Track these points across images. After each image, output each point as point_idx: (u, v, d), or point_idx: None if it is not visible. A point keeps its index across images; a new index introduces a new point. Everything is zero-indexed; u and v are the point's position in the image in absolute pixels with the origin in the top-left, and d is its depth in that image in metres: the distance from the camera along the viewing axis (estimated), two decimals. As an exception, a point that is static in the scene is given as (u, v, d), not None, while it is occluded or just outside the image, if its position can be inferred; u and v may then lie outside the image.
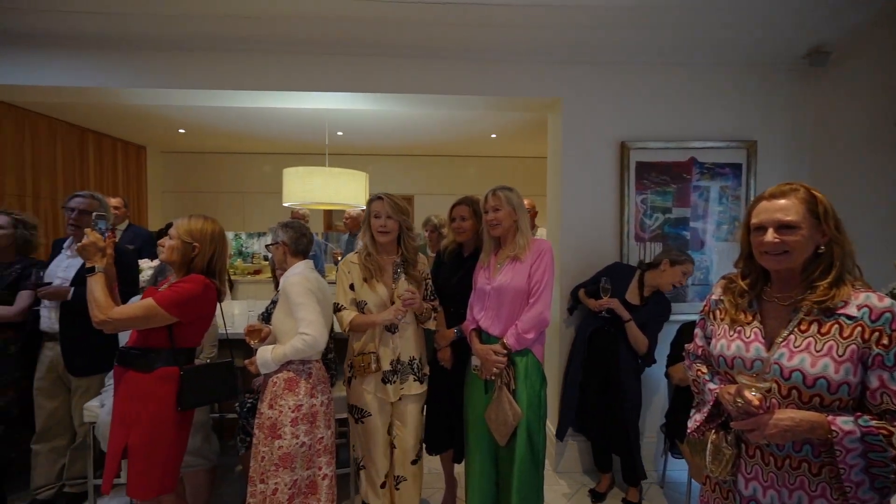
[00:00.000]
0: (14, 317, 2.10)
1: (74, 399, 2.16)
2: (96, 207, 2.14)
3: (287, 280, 1.68)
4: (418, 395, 1.88)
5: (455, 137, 4.94)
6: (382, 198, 1.79)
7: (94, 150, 4.52)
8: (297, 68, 2.49)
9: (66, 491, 2.22)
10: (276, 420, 1.60)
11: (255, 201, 5.71)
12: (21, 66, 2.39)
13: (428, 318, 1.89)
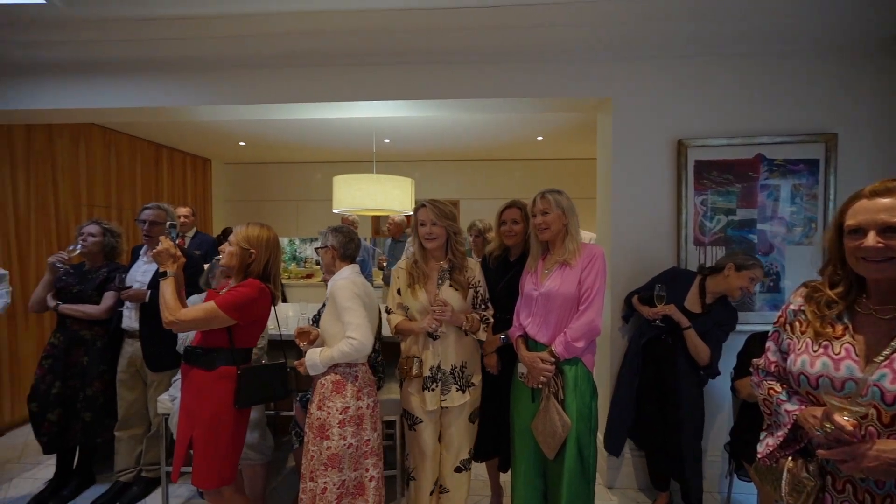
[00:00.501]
0: (100, 315, 2.32)
1: (150, 392, 2.36)
2: (164, 218, 2.34)
3: (334, 284, 1.71)
4: (464, 405, 1.84)
5: (500, 141, 4.90)
6: (426, 205, 1.80)
7: (167, 164, 4.93)
8: (346, 79, 2.58)
9: (143, 475, 2.42)
10: (325, 421, 1.64)
11: (307, 208, 5.96)
12: (106, 91, 2.66)
13: (475, 329, 1.82)
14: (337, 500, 1.62)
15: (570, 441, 1.64)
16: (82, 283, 2.33)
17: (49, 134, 3.52)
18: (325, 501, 1.61)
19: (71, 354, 2.30)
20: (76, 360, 2.30)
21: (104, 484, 2.44)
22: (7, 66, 2.63)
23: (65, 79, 2.66)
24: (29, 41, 2.42)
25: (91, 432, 2.32)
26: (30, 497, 2.34)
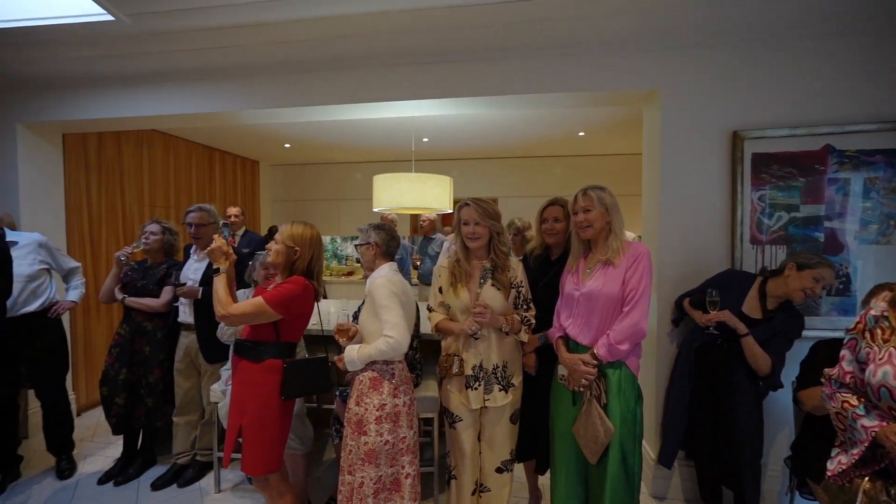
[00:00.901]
0: (160, 308, 2.49)
1: (203, 381, 2.50)
2: (207, 219, 2.48)
3: (373, 282, 1.72)
4: (505, 406, 1.82)
5: (540, 137, 4.79)
6: (470, 204, 1.77)
7: (220, 166, 5.20)
8: (386, 79, 2.61)
9: (198, 459, 2.57)
10: (362, 417, 1.66)
11: (348, 207, 6.10)
12: (165, 100, 2.84)
13: (517, 329, 1.78)
14: (374, 495, 1.65)
15: (614, 447, 1.58)
16: (145, 277, 2.50)
17: (117, 141, 3.81)
18: (361, 495, 1.64)
19: (135, 344, 2.48)
20: (139, 349, 2.48)
21: (164, 465, 2.62)
22: (80, 80, 2.87)
23: (129, 89, 2.87)
24: (98, 56, 2.63)
25: (152, 416, 2.50)
26: (101, 473, 2.55)
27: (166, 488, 2.44)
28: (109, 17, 2.23)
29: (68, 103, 2.96)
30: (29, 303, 2.44)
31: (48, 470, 2.60)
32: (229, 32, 2.36)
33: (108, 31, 2.36)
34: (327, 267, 6.35)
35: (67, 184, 3.36)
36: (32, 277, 2.45)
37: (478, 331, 1.72)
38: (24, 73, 2.85)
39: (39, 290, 2.49)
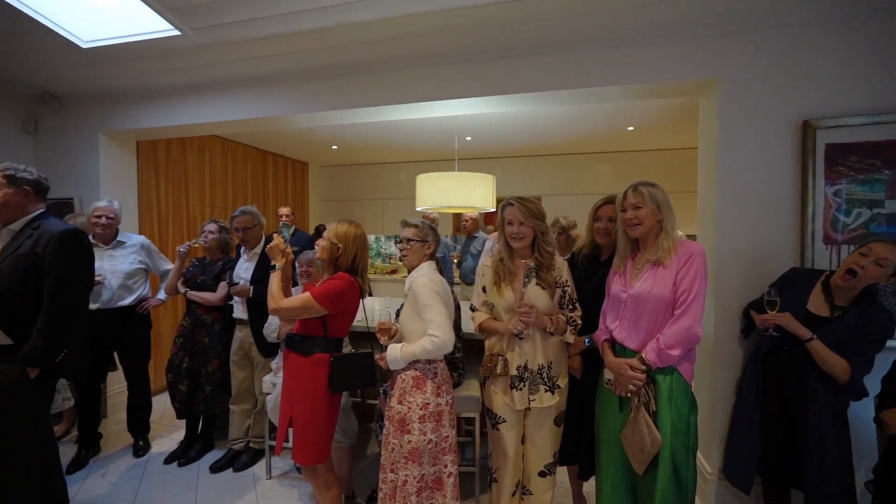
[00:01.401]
0: (217, 302, 2.66)
1: (256, 373, 2.64)
2: (252, 222, 2.64)
3: (415, 281, 1.73)
4: (550, 408, 1.78)
5: (586, 133, 4.65)
6: (514, 203, 1.75)
7: (272, 168, 5.47)
8: (429, 79, 2.63)
9: (251, 446, 2.72)
10: (405, 416, 1.67)
11: (392, 206, 6.22)
12: (224, 107, 3.03)
13: (562, 329, 1.74)
14: (416, 494, 1.66)
15: (664, 459, 1.50)
16: (203, 273, 2.69)
17: (182, 146, 4.12)
18: (405, 493, 1.65)
19: (195, 335, 2.66)
20: (199, 339, 2.66)
21: (221, 449, 2.79)
22: (151, 92, 3.13)
23: (192, 98, 3.09)
24: (167, 69, 2.84)
25: (210, 403, 2.67)
26: (167, 453, 2.76)
27: (223, 472, 2.60)
28: (177, 32, 2.41)
29: (141, 113, 3.23)
30: (124, 297, 2.69)
31: (123, 448, 2.85)
32: (280, 41, 2.48)
33: (175, 45, 2.55)
34: (372, 265, 6.51)
35: (140, 186, 3.67)
36: (130, 275, 2.71)
37: (523, 330, 1.70)
38: (106, 87, 3.14)
39: (135, 286, 2.74)
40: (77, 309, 1.83)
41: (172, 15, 2.28)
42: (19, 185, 1.77)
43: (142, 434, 2.86)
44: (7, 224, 1.78)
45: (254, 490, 2.43)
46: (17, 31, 2.51)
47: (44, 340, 1.71)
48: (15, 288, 1.70)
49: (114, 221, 2.70)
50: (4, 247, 1.76)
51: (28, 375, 1.71)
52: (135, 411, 2.84)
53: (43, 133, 3.43)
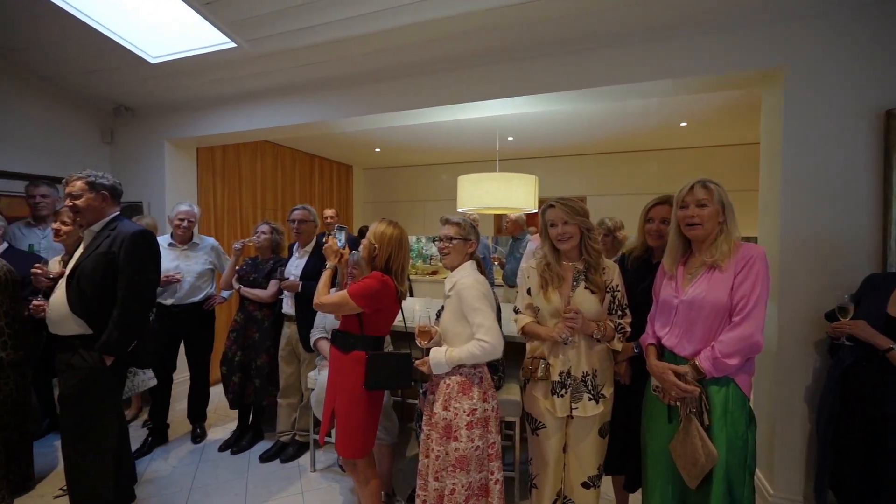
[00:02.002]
0: (267, 299, 2.80)
1: (302, 368, 2.75)
2: (308, 217, 2.77)
3: (461, 283, 1.69)
4: (594, 417, 1.71)
5: (634, 130, 4.46)
6: (555, 205, 1.69)
7: (318, 171, 5.69)
8: (470, 80, 2.64)
9: (297, 439, 2.84)
10: (451, 422, 1.64)
11: (433, 208, 6.28)
12: (274, 113, 3.20)
13: (609, 337, 1.67)
14: (465, 502, 1.62)
15: (718, 476, 1.40)
16: (255, 271, 2.84)
17: (236, 152, 4.38)
18: (453, 502, 1.62)
19: (247, 330, 2.82)
20: (250, 334, 2.81)
21: (269, 440, 2.94)
22: (209, 101, 3.35)
23: (246, 106, 3.28)
24: (223, 79, 3.04)
25: (260, 396, 2.82)
26: (221, 441, 2.94)
27: (271, 462, 2.74)
28: (232, 45, 2.57)
29: (200, 122, 3.47)
30: (193, 295, 2.91)
31: (184, 434, 3.07)
32: (325, 48, 2.58)
33: (231, 57, 2.72)
34: (413, 266, 6.59)
35: (199, 189, 3.94)
36: (201, 275, 2.93)
37: (569, 338, 1.64)
38: (171, 99, 3.40)
39: (203, 285, 2.96)
40: (145, 303, 2.00)
41: (229, 28, 2.43)
42: (98, 191, 1.95)
43: (199, 422, 3.07)
44: (89, 226, 1.98)
45: (299, 481, 2.53)
46: (98, 51, 2.78)
47: (118, 331, 1.88)
48: (95, 283, 1.88)
49: (193, 224, 2.94)
50: (87, 246, 1.96)
51: (105, 363, 1.88)
52: (195, 401, 3.05)
53: (118, 142, 3.77)
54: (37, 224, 2.95)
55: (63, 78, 3.21)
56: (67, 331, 1.89)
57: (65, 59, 2.95)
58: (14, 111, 3.13)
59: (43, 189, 2.92)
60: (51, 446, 2.83)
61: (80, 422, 1.88)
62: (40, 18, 2.51)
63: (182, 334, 2.95)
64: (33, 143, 3.24)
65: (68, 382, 1.87)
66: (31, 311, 2.10)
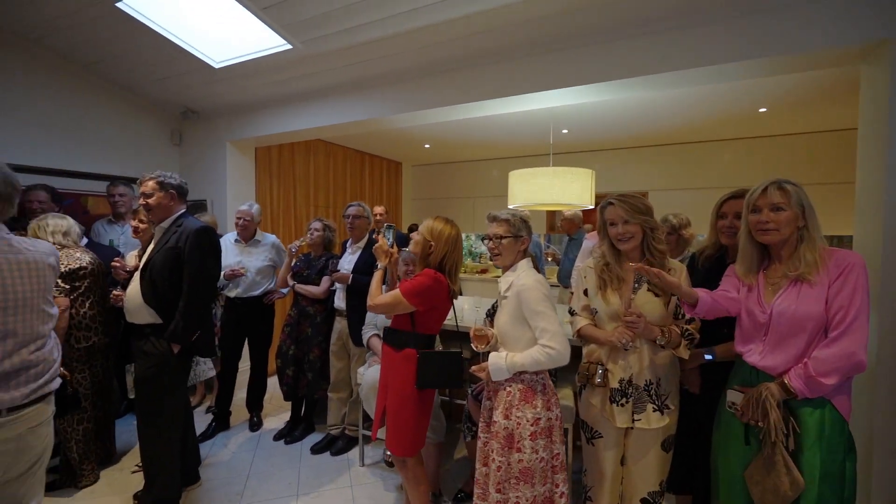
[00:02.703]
0: (320, 295, 2.92)
1: (352, 363, 2.84)
2: (363, 213, 2.86)
3: (520, 283, 1.62)
4: (657, 430, 1.61)
5: (704, 119, 4.18)
6: (614, 202, 1.62)
7: (369, 169, 5.86)
8: (522, 72, 2.58)
9: (346, 433, 2.94)
10: (513, 432, 1.59)
11: (483, 204, 6.25)
12: (326, 112, 3.32)
13: (675, 343, 1.57)
14: None
15: None
16: (308, 268, 2.97)
17: (291, 151, 4.60)
18: None
19: (301, 325, 2.96)
20: (303, 329, 2.95)
21: (320, 433, 3.07)
22: (266, 102, 3.54)
23: (300, 106, 3.43)
24: (279, 80, 3.20)
25: (312, 389, 2.95)
26: (276, 431, 3.11)
27: (322, 454, 2.86)
28: (288, 46, 2.69)
29: (258, 122, 3.68)
30: (254, 289, 3.12)
31: (242, 422, 3.28)
32: (376, 45, 2.63)
33: (286, 58, 2.86)
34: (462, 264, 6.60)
35: (257, 188, 4.19)
36: (261, 270, 3.14)
37: (629, 343, 1.56)
38: (232, 102, 3.64)
39: (263, 280, 3.16)
40: (206, 295, 2.15)
41: (285, 31, 2.55)
42: (167, 190, 2.13)
43: (256, 411, 3.27)
44: (159, 222, 2.16)
45: (348, 474, 2.63)
46: (169, 59, 3.03)
47: (183, 321, 2.04)
48: (164, 276, 2.06)
49: (250, 223, 3.14)
50: (157, 241, 2.14)
51: (172, 350, 2.06)
52: (253, 390, 3.25)
53: (185, 144, 4.10)
54: (116, 221, 3.27)
55: (139, 86, 3.53)
56: (141, 320, 2.09)
57: (140, 68, 3.24)
58: (98, 117, 3.49)
59: (120, 188, 3.23)
60: (129, 426, 3.14)
61: (152, 404, 2.07)
62: (120, 33, 2.78)
63: (244, 326, 3.15)
64: (113, 146, 3.60)
65: (141, 367, 2.06)
66: (111, 300, 2.36)
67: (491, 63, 2.67)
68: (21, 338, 1.32)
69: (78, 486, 2.42)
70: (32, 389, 1.34)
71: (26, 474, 1.37)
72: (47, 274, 1.42)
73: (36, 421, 1.36)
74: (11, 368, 1.29)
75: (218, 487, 2.47)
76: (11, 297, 1.30)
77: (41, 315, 1.39)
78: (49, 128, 3.22)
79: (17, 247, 1.35)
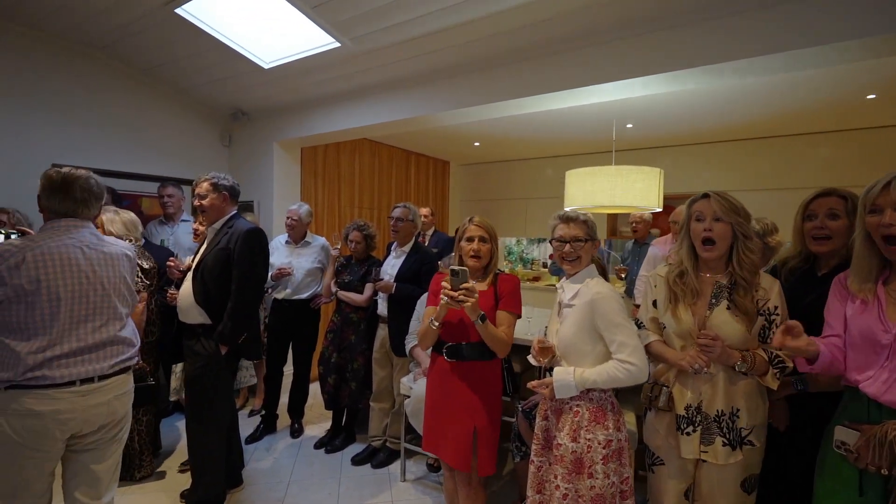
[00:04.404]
0: (363, 303, 3.02)
1: (395, 373, 2.91)
2: (408, 215, 2.91)
3: (597, 293, 1.57)
4: (731, 467, 1.51)
5: (796, 109, 3.90)
6: (710, 195, 1.52)
7: (415, 168, 5.98)
8: (580, 63, 2.55)
9: (388, 445, 3.01)
10: (583, 456, 1.54)
11: (537, 207, 6.18)
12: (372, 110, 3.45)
13: (760, 370, 1.45)
14: None
15: None
16: (351, 273, 3.08)
17: (337, 151, 4.80)
18: None
19: (344, 332, 3.07)
20: (347, 337, 3.06)
21: (361, 443, 3.16)
22: (313, 102, 3.73)
23: (347, 105, 3.59)
24: (326, 79, 3.37)
25: (354, 398, 3.05)
26: (316, 439, 3.25)
27: (363, 465, 2.95)
28: (337, 44, 2.83)
29: (305, 122, 3.89)
30: (301, 292, 3.30)
31: (283, 428, 3.45)
32: (424, 40, 2.70)
33: (335, 56, 3.00)
34: (512, 271, 6.57)
35: (302, 189, 4.41)
36: (310, 272, 3.32)
37: (702, 369, 1.47)
38: (280, 102, 3.87)
39: (312, 283, 3.34)
40: (255, 297, 2.30)
41: (334, 28, 2.69)
42: (220, 191, 2.31)
43: (297, 418, 3.43)
44: (212, 223, 2.34)
45: (389, 489, 2.69)
46: (222, 61, 3.28)
47: (231, 322, 2.19)
48: (214, 277, 2.22)
49: (297, 223, 3.32)
50: (209, 242, 2.32)
51: (220, 351, 2.22)
52: (295, 395, 3.41)
53: (235, 145, 4.40)
54: (167, 221, 3.56)
55: (194, 88, 3.84)
56: (192, 319, 2.26)
57: (195, 71, 3.53)
58: (153, 120, 3.84)
59: (170, 189, 3.52)
60: (173, 425, 3.40)
61: (201, 403, 2.24)
62: (178, 37, 3.04)
63: (290, 329, 3.32)
64: (166, 148, 3.93)
65: (192, 366, 2.24)
66: (167, 299, 2.58)
67: (547, 55, 2.66)
68: (107, 316, 1.63)
69: (135, 478, 2.64)
70: (118, 361, 1.65)
71: (113, 438, 1.67)
72: (125, 264, 1.74)
73: (121, 390, 1.67)
74: (101, 341, 1.60)
75: (260, 492, 2.62)
76: (100, 282, 1.61)
77: (122, 299, 1.70)
78: (109, 131, 3.58)
79: (104, 241, 1.70)
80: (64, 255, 1.54)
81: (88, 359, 1.56)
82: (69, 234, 1.60)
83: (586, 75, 2.55)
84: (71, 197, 1.61)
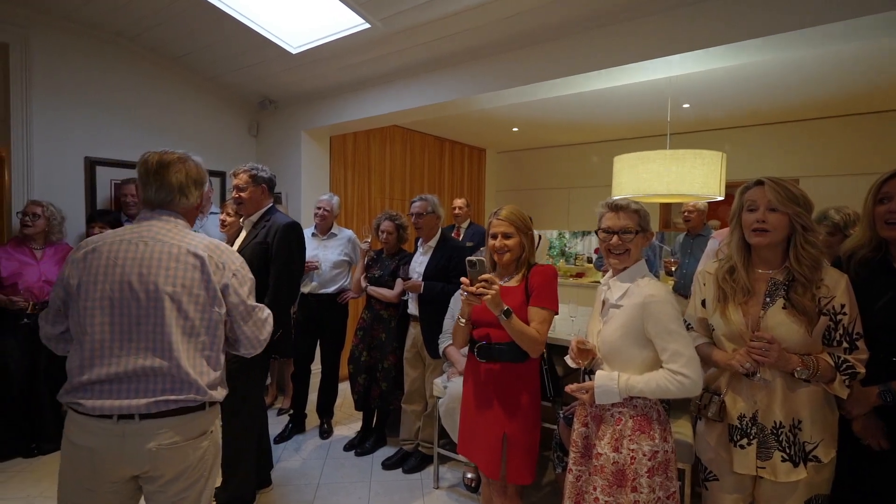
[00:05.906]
0: (392, 299, 3.05)
1: (427, 373, 2.93)
2: (426, 208, 2.90)
3: (651, 295, 1.51)
4: (794, 485, 1.43)
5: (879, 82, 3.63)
6: (764, 182, 1.44)
7: (449, 156, 5.97)
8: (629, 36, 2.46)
9: (420, 450, 3.04)
10: (625, 467, 1.52)
11: (580, 196, 6.04)
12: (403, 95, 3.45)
13: (825, 377, 1.39)
14: None
15: None
16: (380, 268, 3.11)
17: (367, 139, 4.85)
18: None
19: (374, 330, 3.11)
20: (377, 335, 3.10)
21: (392, 447, 3.20)
22: (342, 88, 3.78)
23: (377, 90, 3.61)
24: (356, 63, 3.39)
25: (385, 400, 3.09)
26: (346, 440, 3.32)
27: (394, 470, 2.98)
28: (367, 25, 2.85)
29: (334, 109, 3.94)
30: (328, 286, 3.37)
31: (312, 428, 3.54)
32: (458, 18, 2.67)
33: (364, 38, 3.02)
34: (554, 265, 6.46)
35: (331, 179, 4.49)
36: (336, 265, 3.39)
37: (753, 371, 1.41)
38: (308, 89, 3.94)
39: (338, 277, 3.41)
40: (291, 292, 2.35)
41: (363, 8, 2.70)
42: (259, 184, 2.38)
43: (326, 418, 3.51)
44: (248, 216, 2.42)
45: (421, 497, 2.71)
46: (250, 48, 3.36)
47: (268, 318, 2.25)
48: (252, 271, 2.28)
49: (329, 214, 3.40)
50: (246, 235, 2.40)
51: (256, 348, 2.28)
52: (324, 394, 3.49)
53: (262, 135, 4.52)
54: (196, 214, 3.71)
55: (221, 76, 3.96)
56: (226, 315, 2.34)
57: (223, 58, 3.64)
58: (181, 111, 3.99)
59: (201, 181, 3.65)
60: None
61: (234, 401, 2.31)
62: (205, 24, 3.14)
63: (318, 325, 3.39)
64: (195, 139, 4.08)
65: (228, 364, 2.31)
66: None
67: (593, 28, 2.57)
68: (152, 339, 1.51)
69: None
70: (160, 401, 1.47)
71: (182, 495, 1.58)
72: (201, 269, 1.58)
73: (169, 439, 1.47)
74: (137, 370, 1.41)
75: (289, 494, 2.70)
76: (147, 289, 1.41)
77: (183, 317, 1.60)
78: (139, 123, 3.75)
79: (188, 236, 1.56)
80: (113, 250, 1.33)
81: (124, 389, 1.30)
82: (138, 225, 1.39)
83: (638, 50, 2.45)
84: (166, 185, 1.40)
